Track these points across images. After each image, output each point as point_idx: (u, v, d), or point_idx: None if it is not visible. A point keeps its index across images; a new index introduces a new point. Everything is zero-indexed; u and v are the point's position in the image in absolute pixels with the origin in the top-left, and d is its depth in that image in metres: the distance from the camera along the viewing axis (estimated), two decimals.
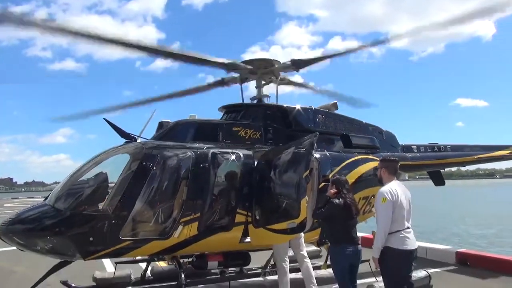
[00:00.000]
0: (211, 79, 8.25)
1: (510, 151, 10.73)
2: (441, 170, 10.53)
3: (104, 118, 6.17)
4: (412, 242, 4.82)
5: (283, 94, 8.92)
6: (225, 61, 7.09)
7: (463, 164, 10.57)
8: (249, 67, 7.32)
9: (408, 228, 4.84)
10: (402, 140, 9.48)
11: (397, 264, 4.76)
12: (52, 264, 6.18)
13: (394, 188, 4.92)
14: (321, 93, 9.07)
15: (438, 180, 10.65)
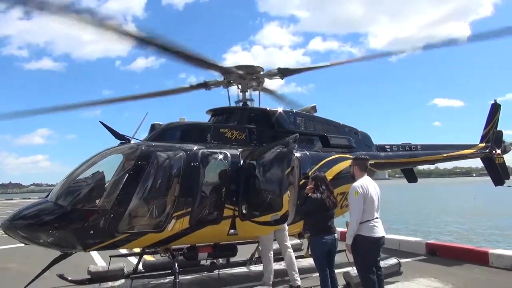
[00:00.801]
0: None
1: (475, 150, 11.61)
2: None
3: (100, 121, 6.59)
4: (380, 230, 5.49)
5: (265, 95, 9.23)
6: (223, 65, 7.54)
7: (433, 162, 11.35)
8: (240, 72, 7.76)
9: (377, 218, 5.52)
10: (381, 140, 10.21)
11: (367, 249, 5.44)
12: (44, 260, 6.56)
13: (365, 183, 5.61)
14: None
15: (411, 177, 11.44)
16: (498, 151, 11.59)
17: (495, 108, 12.27)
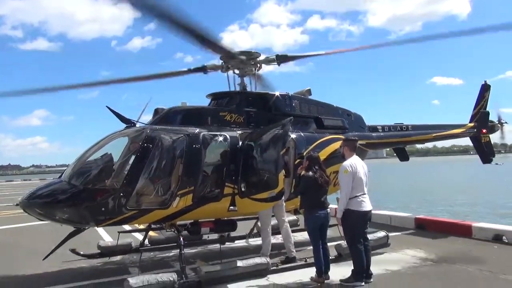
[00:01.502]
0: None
1: (463, 130, 12.10)
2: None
3: (107, 106, 7.03)
4: (367, 205, 6.03)
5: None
6: (223, 46, 7.46)
7: (422, 141, 11.85)
8: (240, 57, 8.04)
9: (364, 194, 6.05)
10: (379, 118, 10.68)
11: (355, 222, 5.99)
12: (52, 237, 7.09)
13: (354, 162, 6.12)
14: None
15: (403, 156, 11.93)
16: (484, 130, 12.09)
17: (485, 89, 12.69)
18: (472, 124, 12.26)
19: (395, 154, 12.22)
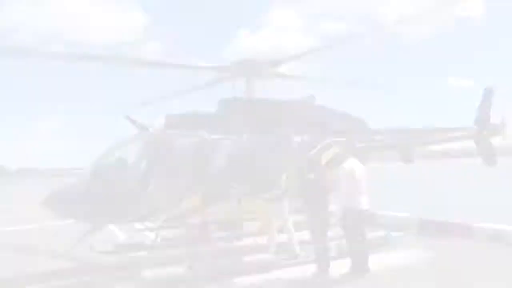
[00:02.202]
0: (201, 65, 9.13)
1: (466, 132, 12.28)
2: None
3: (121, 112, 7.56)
4: (365, 203, 6.44)
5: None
6: (215, 65, 8.45)
7: (425, 144, 12.11)
8: (235, 68, 8.56)
9: (361, 193, 6.45)
10: (390, 120, 10.82)
11: (353, 220, 6.39)
12: (67, 236, 7.67)
13: (352, 164, 6.56)
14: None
15: (407, 158, 12.18)
16: (485, 133, 12.28)
17: (488, 93, 12.86)
18: (474, 127, 12.45)
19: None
